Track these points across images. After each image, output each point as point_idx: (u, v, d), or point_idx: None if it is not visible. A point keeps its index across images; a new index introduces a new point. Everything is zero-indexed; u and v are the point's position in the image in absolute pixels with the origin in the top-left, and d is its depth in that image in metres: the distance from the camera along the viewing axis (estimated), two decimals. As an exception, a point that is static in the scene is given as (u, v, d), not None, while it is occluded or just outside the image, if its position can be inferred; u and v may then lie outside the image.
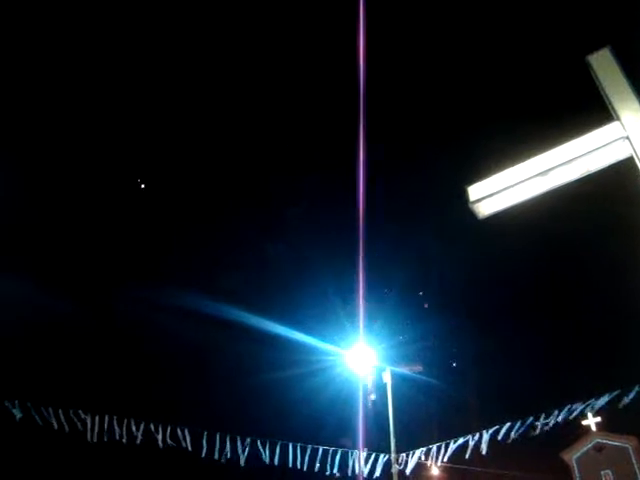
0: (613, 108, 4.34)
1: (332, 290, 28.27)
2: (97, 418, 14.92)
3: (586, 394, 15.20)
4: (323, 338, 24.33)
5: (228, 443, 15.81)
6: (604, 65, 4.51)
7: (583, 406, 14.95)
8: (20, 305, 19.23)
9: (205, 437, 15.70)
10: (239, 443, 15.87)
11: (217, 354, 23.18)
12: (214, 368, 23.54)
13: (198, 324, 23.29)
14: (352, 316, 25.59)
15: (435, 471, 23.01)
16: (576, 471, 24.30)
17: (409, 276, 30.41)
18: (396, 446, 16.40)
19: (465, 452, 15.95)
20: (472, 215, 4.81)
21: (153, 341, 23.03)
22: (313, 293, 27.91)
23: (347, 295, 27.95)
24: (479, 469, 22.95)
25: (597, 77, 4.51)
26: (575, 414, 14.96)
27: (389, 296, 27.84)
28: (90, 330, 22.60)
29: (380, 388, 18.14)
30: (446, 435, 16.88)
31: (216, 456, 15.73)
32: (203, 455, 15.73)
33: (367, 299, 26.32)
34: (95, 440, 14.85)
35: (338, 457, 16.43)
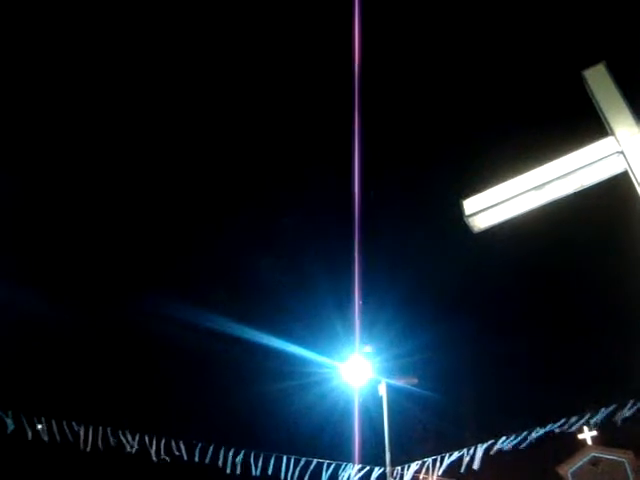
0: (608, 123, 4.37)
1: (327, 302, 28.23)
2: (91, 429, 14.83)
3: (583, 408, 15.20)
4: (318, 350, 24.28)
5: (222, 455, 15.73)
6: (599, 80, 4.55)
7: (581, 420, 14.93)
8: (16, 312, 19.13)
9: (199, 448, 15.61)
10: (232, 454, 15.78)
11: (210, 365, 23.11)
12: (207, 379, 23.45)
13: (192, 335, 23.26)
14: (348, 328, 25.56)
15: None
16: (572, 485, 24.21)
17: (406, 287, 30.39)
18: (391, 459, 16.33)
19: (460, 465, 15.89)
20: (467, 228, 4.82)
21: (149, 351, 22.96)
22: (308, 304, 27.89)
23: (343, 307, 27.91)
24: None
25: (592, 92, 4.55)
26: (571, 428, 14.93)
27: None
28: (87, 339, 22.50)
29: (375, 401, 18.09)
30: (442, 448, 16.82)
31: (209, 466, 15.64)
32: (196, 466, 15.63)
33: (363, 311, 26.31)
34: (89, 450, 14.75)
35: (332, 470, 16.35)
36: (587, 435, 23.74)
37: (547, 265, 30.51)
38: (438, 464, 15.95)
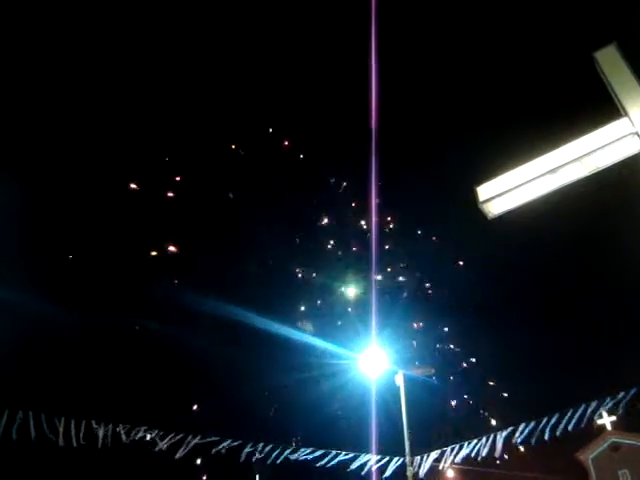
0: (621, 104, 4.32)
1: (344, 293, 28.30)
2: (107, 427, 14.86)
3: (601, 393, 15.09)
4: (336, 341, 24.37)
5: (236, 445, 15.80)
6: (611, 61, 4.49)
7: (600, 405, 14.82)
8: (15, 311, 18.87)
9: (217, 439, 15.69)
10: (249, 446, 15.85)
11: (227, 357, 23.10)
12: (224, 371, 23.44)
13: (209, 327, 23.33)
14: (365, 319, 25.60)
15: (450, 473, 22.87)
16: (592, 471, 24.03)
17: (422, 277, 30.38)
18: (410, 449, 16.32)
19: (480, 454, 15.87)
20: (482, 215, 4.80)
21: (165, 343, 22.91)
22: (324, 296, 27.92)
23: (360, 298, 27.96)
24: (493, 471, 22.80)
25: (604, 73, 4.50)
26: (591, 413, 14.82)
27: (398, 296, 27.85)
28: (88, 335, 22.26)
29: (393, 391, 18.08)
30: (460, 437, 16.79)
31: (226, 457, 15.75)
32: (214, 457, 15.74)
33: (380, 302, 26.34)
34: (108, 447, 14.77)
35: (350, 460, 16.42)
36: (606, 420, 23.49)
37: (564, 251, 30.36)
38: (457, 452, 15.95)
